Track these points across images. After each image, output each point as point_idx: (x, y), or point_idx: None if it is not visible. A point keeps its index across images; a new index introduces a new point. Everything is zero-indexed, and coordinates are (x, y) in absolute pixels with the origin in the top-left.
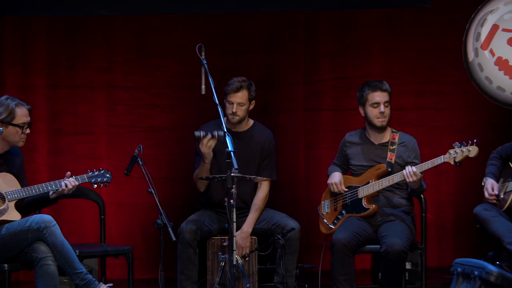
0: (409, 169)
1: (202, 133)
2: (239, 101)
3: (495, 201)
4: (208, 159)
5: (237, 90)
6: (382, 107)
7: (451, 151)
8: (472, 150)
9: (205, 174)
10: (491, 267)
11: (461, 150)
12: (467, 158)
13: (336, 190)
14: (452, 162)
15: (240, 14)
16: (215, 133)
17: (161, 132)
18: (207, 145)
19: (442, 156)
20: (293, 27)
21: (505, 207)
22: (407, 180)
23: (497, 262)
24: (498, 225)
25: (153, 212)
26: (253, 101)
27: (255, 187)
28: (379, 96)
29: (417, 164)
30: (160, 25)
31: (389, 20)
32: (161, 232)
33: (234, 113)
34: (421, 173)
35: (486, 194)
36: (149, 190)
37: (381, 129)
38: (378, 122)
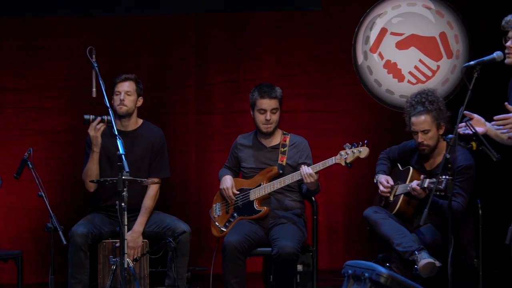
0: (305, 170)
1: (91, 117)
2: (126, 89)
3: (389, 194)
4: (97, 147)
5: (124, 80)
6: (268, 115)
7: (342, 152)
8: (363, 151)
9: (94, 167)
10: (381, 269)
11: (352, 151)
12: (357, 159)
13: (227, 196)
14: (343, 163)
15: (131, 16)
16: (105, 117)
17: (52, 135)
18: (96, 128)
19: (333, 157)
20: (184, 30)
21: (395, 211)
22: (306, 181)
23: (387, 264)
24: (387, 227)
25: (43, 216)
26: (141, 97)
27: (146, 187)
28: (266, 103)
29: (309, 164)
30: (50, 28)
31: (280, 23)
32: (51, 235)
33: (121, 102)
34: (316, 173)
35: (381, 187)
36: (40, 193)
37: (266, 135)
38: (263, 128)
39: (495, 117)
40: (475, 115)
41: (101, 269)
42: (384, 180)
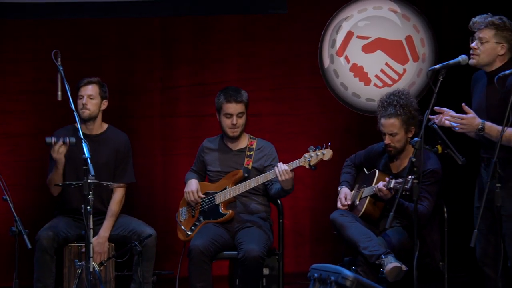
0: (281, 167)
1: (53, 139)
2: (89, 93)
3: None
4: (61, 165)
5: (88, 83)
6: (234, 119)
7: (306, 154)
8: (327, 153)
9: (57, 178)
10: (346, 272)
11: (316, 154)
12: (321, 161)
13: (192, 199)
14: (307, 166)
15: (96, 20)
16: (67, 139)
17: (17, 139)
18: (58, 151)
19: (297, 160)
20: (149, 33)
21: (361, 213)
22: (280, 178)
23: (353, 267)
24: (354, 231)
25: (8, 220)
26: (105, 100)
27: (112, 191)
28: (232, 108)
29: None
30: (14, 30)
31: (245, 26)
32: (16, 239)
33: (84, 106)
34: (292, 171)
35: (339, 204)
36: (4, 197)
37: (233, 139)
38: (230, 132)
39: (452, 114)
40: (445, 109)
41: (67, 273)
42: (342, 197)
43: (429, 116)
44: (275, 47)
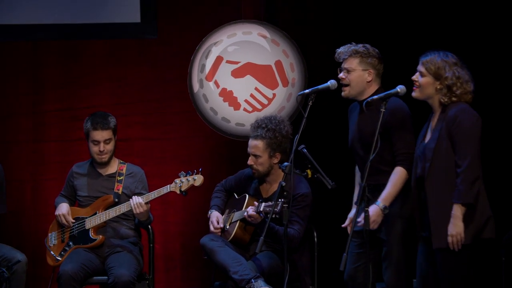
0: (136, 200)
1: None
2: None
3: (219, 234)
4: None
5: None
6: (101, 146)
7: (177, 180)
8: (197, 179)
9: None
10: None
11: (187, 179)
12: (192, 187)
13: (63, 222)
14: (178, 191)
15: None
16: None
17: None
18: None
19: (168, 186)
20: (19, 57)
21: (231, 237)
22: (135, 211)
23: None
24: (224, 255)
25: None
26: None
27: None
28: (99, 135)
29: (144, 194)
30: None
31: (116, 51)
32: None
33: None
34: (147, 203)
35: (211, 228)
36: None
37: (101, 164)
38: (98, 158)
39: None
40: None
41: None
42: (214, 220)
43: None
44: (145, 72)
